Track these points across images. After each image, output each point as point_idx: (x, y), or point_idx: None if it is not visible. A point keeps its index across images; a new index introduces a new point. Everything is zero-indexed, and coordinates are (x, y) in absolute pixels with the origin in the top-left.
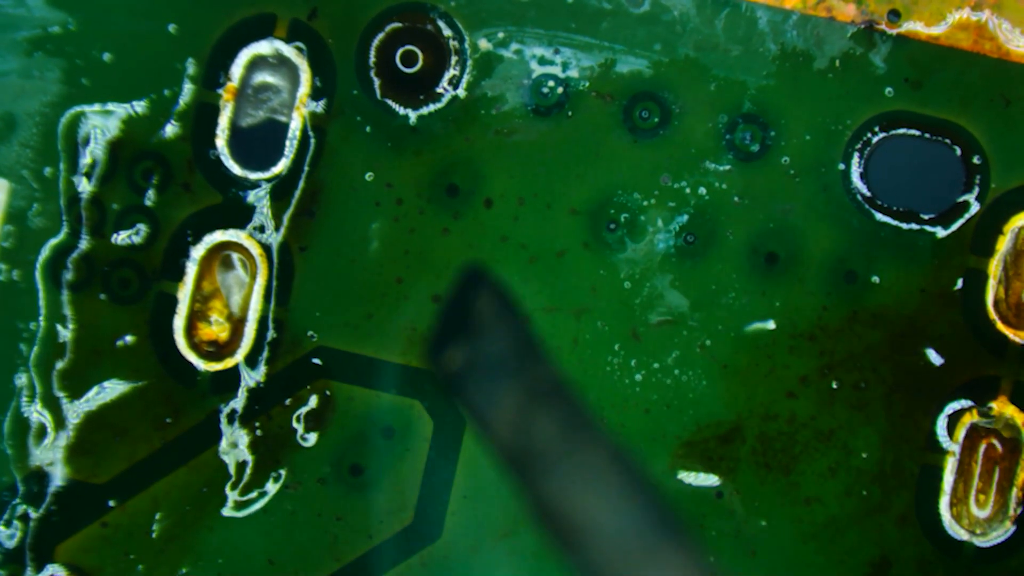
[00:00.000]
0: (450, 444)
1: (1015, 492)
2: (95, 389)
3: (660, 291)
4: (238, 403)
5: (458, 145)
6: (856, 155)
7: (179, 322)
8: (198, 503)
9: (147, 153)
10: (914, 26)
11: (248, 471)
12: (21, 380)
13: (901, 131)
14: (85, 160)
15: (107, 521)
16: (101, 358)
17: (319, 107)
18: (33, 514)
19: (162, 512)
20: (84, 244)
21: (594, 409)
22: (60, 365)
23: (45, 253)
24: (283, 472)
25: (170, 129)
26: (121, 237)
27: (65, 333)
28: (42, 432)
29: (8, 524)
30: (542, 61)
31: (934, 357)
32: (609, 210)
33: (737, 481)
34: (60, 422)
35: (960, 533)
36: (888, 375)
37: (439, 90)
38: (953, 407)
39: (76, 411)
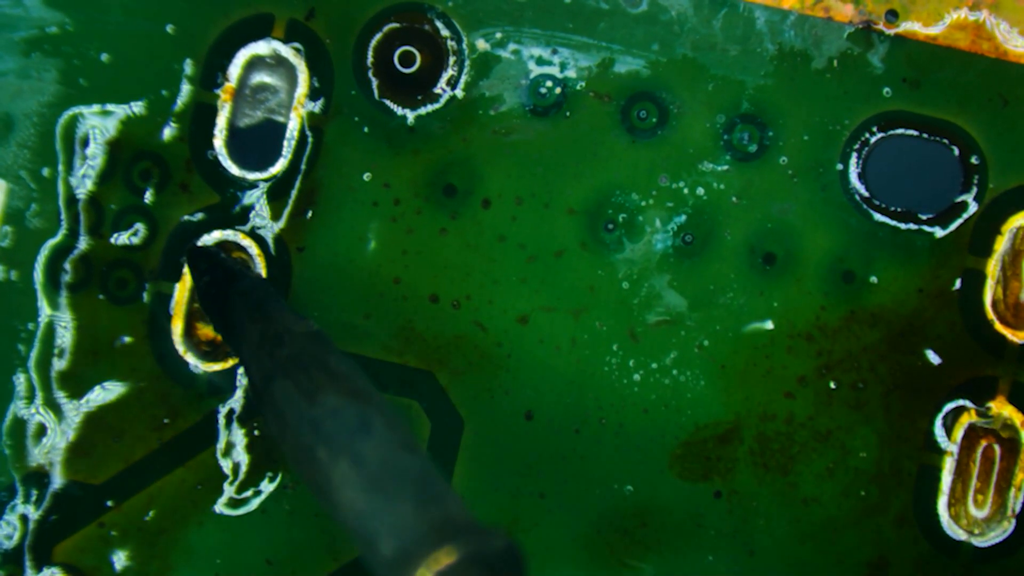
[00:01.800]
0: (448, 445)
1: (1013, 492)
2: (94, 390)
3: (658, 291)
4: (236, 403)
5: (456, 145)
6: (854, 155)
7: (177, 322)
8: (194, 501)
9: (145, 153)
10: (912, 26)
11: (243, 472)
12: (20, 381)
13: (899, 131)
14: (83, 160)
15: (104, 521)
16: (99, 359)
17: (317, 107)
18: (32, 515)
19: (158, 511)
20: (82, 244)
21: (592, 409)
22: (58, 366)
23: (43, 253)
24: (280, 472)
25: (168, 130)
26: (119, 238)
27: (63, 334)
28: (41, 433)
29: (7, 524)
30: (540, 61)
31: (932, 357)
32: (607, 210)
33: (735, 481)
34: (59, 423)
35: (958, 533)
36: (886, 375)
37: (437, 90)
38: (951, 407)
39: (74, 412)
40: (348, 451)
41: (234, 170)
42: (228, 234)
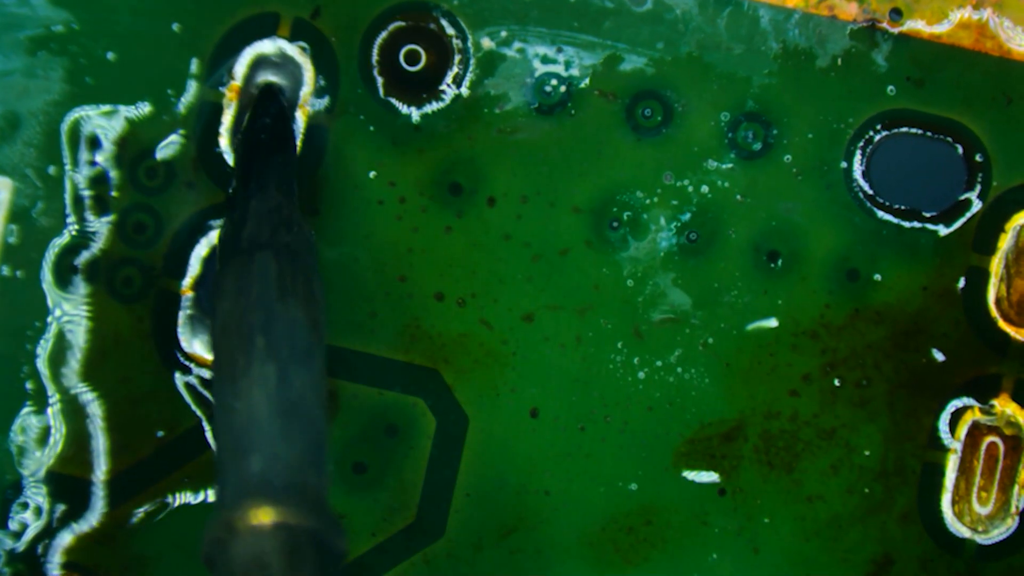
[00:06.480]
0: (453, 442)
1: (1017, 489)
2: (99, 388)
3: (663, 289)
4: None
5: (461, 144)
6: (858, 153)
7: (182, 319)
8: (201, 500)
9: (151, 151)
10: (916, 25)
11: None
12: (27, 379)
13: (903, 129)
14: (89, 158)
15: (113, 518)
16: (105, 356)
17: (322, 106)
18: (37, 512)
19: (165, 507)
20: (88, 242)
21: (596, 406)
22: (65, 363)
23: (50, 252)
24: None
25: (174, 128)
26: (125, 235)
27: (69, 331)
28: (47, 431)
29: (13, 523)
30: (545, 60)
31: (936, 355)
32: (612, 208)
33: (740, 479)
34: (65, 421)
35: (962, 531)
36: (890, 373)
37: (442, 89)
38: (955, 405)
39: (80, 409)
40: (283, 363)
41: None
42: None
